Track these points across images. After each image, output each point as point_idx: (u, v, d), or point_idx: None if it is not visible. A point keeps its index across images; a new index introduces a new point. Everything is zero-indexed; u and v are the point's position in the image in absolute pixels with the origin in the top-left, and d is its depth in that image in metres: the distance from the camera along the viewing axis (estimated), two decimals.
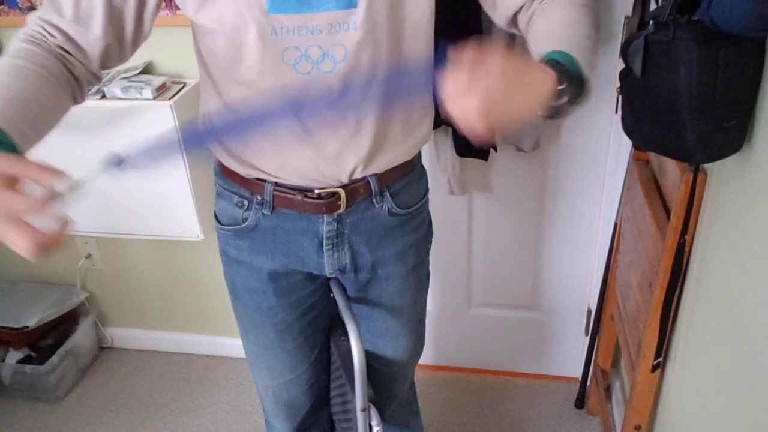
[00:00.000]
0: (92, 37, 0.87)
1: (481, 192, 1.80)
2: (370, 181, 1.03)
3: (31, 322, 2.00)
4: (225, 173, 1.06)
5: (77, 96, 0.89)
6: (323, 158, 0.97)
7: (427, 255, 1.21)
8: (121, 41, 0.90)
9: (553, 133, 1.67)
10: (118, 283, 2.18)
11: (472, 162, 1.68)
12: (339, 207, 1.02)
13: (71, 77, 0.87)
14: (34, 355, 2.08)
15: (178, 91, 1.60)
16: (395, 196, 1.07)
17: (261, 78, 0.90)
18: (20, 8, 1.67)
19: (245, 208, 1.05)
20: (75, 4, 0.86)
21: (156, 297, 2.19)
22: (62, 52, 0.86)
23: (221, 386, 2.12)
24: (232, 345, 2.15)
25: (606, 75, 1.57)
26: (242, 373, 2.14)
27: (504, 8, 0.96)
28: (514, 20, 0.97)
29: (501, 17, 0.98)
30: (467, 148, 1.58)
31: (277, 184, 1.01)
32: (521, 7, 0.95)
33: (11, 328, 2.00)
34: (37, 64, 0.83)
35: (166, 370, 2.20)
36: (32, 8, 1.66)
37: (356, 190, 1.02)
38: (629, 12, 1.44)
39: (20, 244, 0.65)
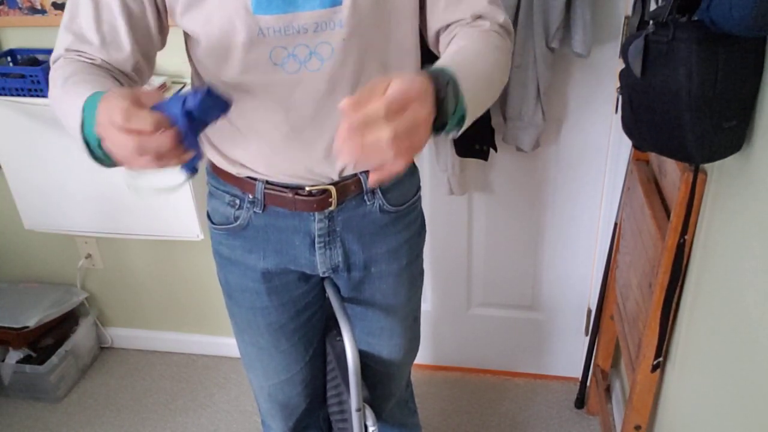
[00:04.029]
0: (123, 57, 0.90)
1: (481, 192, 1.80)
2: (361, 178, 1.03)
3: (31, 322, 2.00)
4: (216, 172, 1.06)
5: None
6: (313, 157, 0.97)
7: (421, 252, 1.21)
8: (147, 56, 0.93)
9: (553, 133, 1.67)
10: (118, 283, 2.18)
11: (472, 162, 1.68)
12: (330, 204, 1.02)
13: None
14: (34, 355, 2.08)
15: (179, 91, 1.60)
16: (387, 194, 1.07)
17: (249, 78, 0.91)
18: (20, 8, 1.67)
19: (237, 206, 1.05)
20: (98, 30, 0.88)
21: (156, 297, 2.19)
22: (105, 69, 0.90)
23: (221, 386, 2.12)
24: (232, 345, 2.14)
25: (606, 75, 1.57)
26: (242, 373, 2.14)
27: (430, 25, 0.96)
28: (437, 39, 0.97)
29: (429, 37, 0.98)
30: (467, 148, 1.58)
31: (267, 182, 1.01)
32: (445, 26, 0.94)
33: (11, 328, 2.00)
34: (91, 72, 0.86)
35: (166, 370, 2.20)
36: (32, 8, 1.66)
37: (347, 187, 1.02)
38: (629, 12, 1.44)
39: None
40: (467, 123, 0.79)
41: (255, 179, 1.01)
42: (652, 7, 0.94)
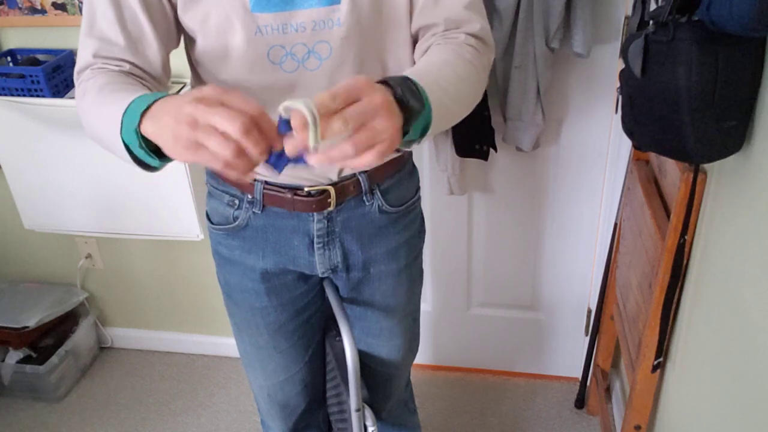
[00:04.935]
0: (152, 53, 0.89)
1: (481, 192, 1.80)
2: (360, 178, 1.03)
3: (31, 322, 2.01)
4: (216, 172, 1.06)
5: None
6: None
7: (420, 253, 1.21)
8: (169, 53, 0.93)
9: (553, 133, 1.67)
10: (118, 283, 2.18)
11: (472, 162, 1.68)
12: (329, 205, 1.02)
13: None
14: (34, 355, 2.08)
15: (179, 91, 1.60)
16: (386, 194, 1.07)
17: (247, 78, 0.90)
18: (20, 8, 1.67)
19: (236, 207, 1.05)
20: (122, 29, 0.87)
21: (156, 297, 2.19)
22: (135, 76, 0.88)
23: (221, 386, 2.12)
24: (232, 345, 2.14)
25: (606, 75, 1.57)
26: (242, 373, 2.14)
27: (412, 28, 0.95)
28: (414, 45, 0.96)
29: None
30: (467, 148, 1.58)
31: (266, 182, 1.01)
32: (421, 30, 0.93)
33: (11, 328, 2.00)
34: (125, 80, 0.84)
35: (166, 370, 2.20)
36: (32, 8, 1.66)
37: (346, 187, 1.02)
38: (629, 12, 1.44)
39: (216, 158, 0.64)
40: (434, 129, 0.77)
41: (254, 179, 1.01)
42: (652, 7, 0.94)
